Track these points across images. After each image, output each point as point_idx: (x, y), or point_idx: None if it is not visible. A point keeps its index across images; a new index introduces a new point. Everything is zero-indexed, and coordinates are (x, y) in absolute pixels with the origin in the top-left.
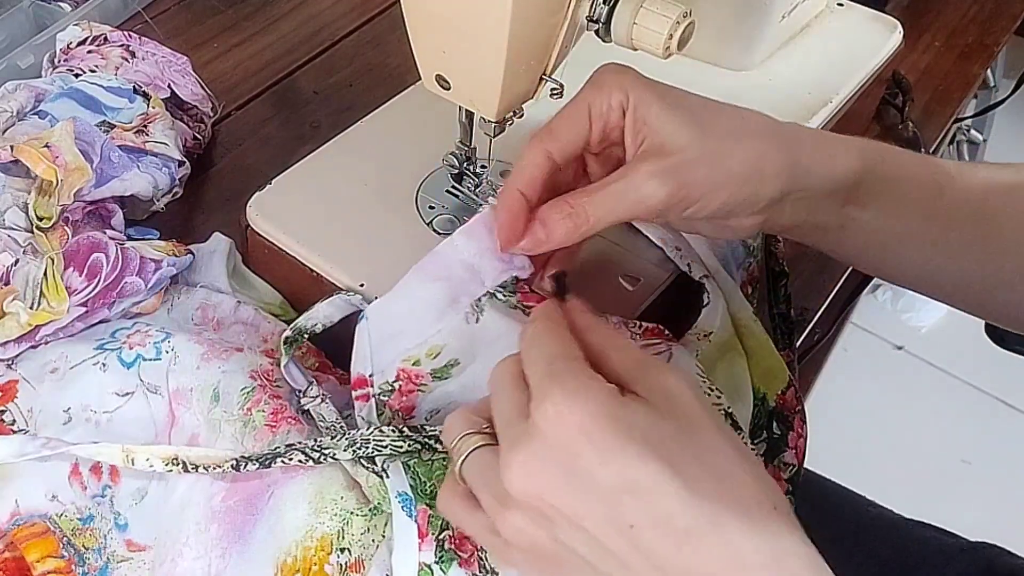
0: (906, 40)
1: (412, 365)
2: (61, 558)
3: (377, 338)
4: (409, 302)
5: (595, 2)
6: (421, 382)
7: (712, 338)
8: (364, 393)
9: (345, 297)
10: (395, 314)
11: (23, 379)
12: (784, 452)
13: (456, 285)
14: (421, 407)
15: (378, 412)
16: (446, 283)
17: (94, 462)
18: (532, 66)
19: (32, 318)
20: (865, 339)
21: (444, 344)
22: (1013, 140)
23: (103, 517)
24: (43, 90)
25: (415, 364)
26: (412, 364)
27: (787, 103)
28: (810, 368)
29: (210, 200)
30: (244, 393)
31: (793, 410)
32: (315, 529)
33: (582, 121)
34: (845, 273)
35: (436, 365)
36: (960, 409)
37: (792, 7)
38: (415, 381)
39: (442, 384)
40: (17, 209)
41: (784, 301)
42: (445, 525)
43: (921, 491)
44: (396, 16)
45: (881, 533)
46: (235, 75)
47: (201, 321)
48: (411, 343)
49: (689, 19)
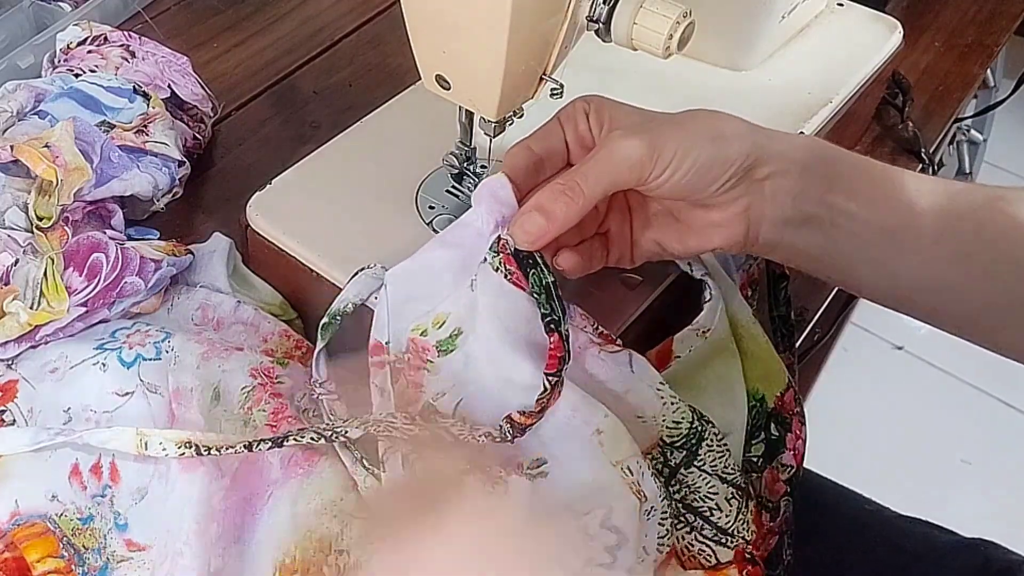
0: (906, 40)
1: (420, 335)
2: (61, 558)
3: (394, 304)
4: (426, 267)
5: (595, 2)
6: (427, 358)
7: (709, 335)
8: (380, 360)
9: (368, 272)
10: (412, 279)
11: (23, 379)
12: (782, 454)
13: (468, 253)
14: (428, 387)
15: (393, 380)
16: (459, 250)
17: (94, 462)
18: (532, 66)
19: (32, 318)
20: (865, 339)
21: (449, 312)
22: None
23: (103, 517)
24: (43, 90)
25: (423, 334)
26: (420, 334)
27: (787, 103)
28: (810, 368)
29: (210, 200)
30: (244, 392)
31: (791, 412)
32: (314, 530)
33: (554, 126)
34: None
35: (441, 336)
36: (960, 409)
37: (792, 7)
38: (422, 357)
39: (447, 360)
40: (17, 209)
41: (784, 303)
42: None
43: (921, 491)
44: (396, 16)
45: (878, 530)
46: (235, 75)
47: (201, 321)
48: (422, 310)
49: (689, 19)
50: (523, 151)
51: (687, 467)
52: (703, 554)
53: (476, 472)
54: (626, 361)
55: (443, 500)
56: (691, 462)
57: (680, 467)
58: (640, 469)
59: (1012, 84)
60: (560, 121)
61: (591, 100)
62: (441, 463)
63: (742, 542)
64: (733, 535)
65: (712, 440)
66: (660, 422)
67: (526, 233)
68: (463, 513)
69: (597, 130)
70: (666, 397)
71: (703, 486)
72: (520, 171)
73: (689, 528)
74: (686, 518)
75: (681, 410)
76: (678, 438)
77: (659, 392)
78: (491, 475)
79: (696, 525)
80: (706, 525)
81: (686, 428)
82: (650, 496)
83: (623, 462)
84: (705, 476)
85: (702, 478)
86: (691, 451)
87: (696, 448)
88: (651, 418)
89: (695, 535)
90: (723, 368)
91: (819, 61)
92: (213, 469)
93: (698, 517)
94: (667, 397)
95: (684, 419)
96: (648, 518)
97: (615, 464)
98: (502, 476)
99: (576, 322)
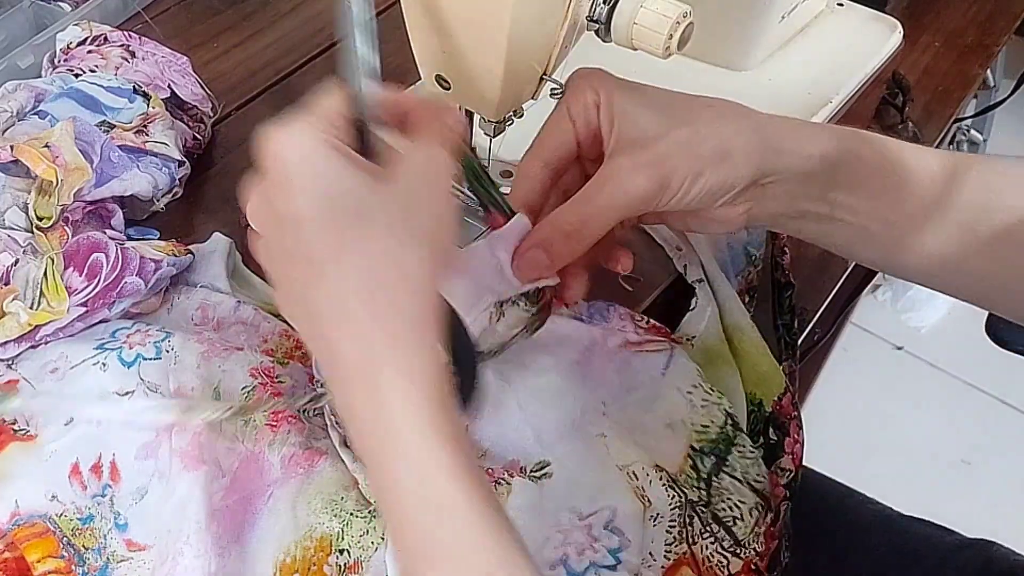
0: (906, 40)
1: None
2: (61, 558)
3: None
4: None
5: (595, 2)
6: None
7: (694, 343)
8: None
9: None
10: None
11: (23, 379)
12: (781, 458)
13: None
14: None
15: None
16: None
17: (95, 461)
18: (532, 66)
19: (32, 318)
20: (865, 339)
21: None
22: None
23: (103, 517)
24: (43, 90)
25: None
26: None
27: (787, 103)
28: (810, 368)
29: (210, 200)
30: (244, 392)
31: (789, 416)
32: (314, 529)
33: (565, 124)
34: (845, 273)
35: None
36: (960, 409)
37: (792, 7)
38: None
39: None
40: (17, 209)
41: (789, 312)
42: None
43: (921, 491)
44: (396, 16)
45: (878, 530)
46: (235, 75)
47: (201, 321)
48: None
49: (689, 19)
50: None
51: (718, 474)
52: (720, 565)
53: None
54: (662, 363)
55: None
56: (721, 469)
57: (712, 475)
58: (647, 476)
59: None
60: (570, 115)
61: (599, 90)
62: None
63: (752, 554)
64: (745, 546)
65: (744, 446)
66: (689, 427)
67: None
68: None
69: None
70: (696, 401)
71: (734, 494)
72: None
73: (713, 539)
74: (711, 528)
75: (711, 413)
76: (707, 443)
77: (689, 396)
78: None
79: (719, 536)
80: (727, 536)
81: (715, 433)
82: (655, 502)
83: (629, 467)
84: (736, 483)
85: (733, 485)
86: (720, 457)
87: (726, 454)
88: (679, 423)
89: (717, 546)
90: (718, 378)
91: (819, 61)
92: (213, 468)
93: (722, 528)
94: (697, 401)
95: (714, 423)
96: (655, 524)
97: (621, 468)
98: (504, 478)
99: (613, 323)
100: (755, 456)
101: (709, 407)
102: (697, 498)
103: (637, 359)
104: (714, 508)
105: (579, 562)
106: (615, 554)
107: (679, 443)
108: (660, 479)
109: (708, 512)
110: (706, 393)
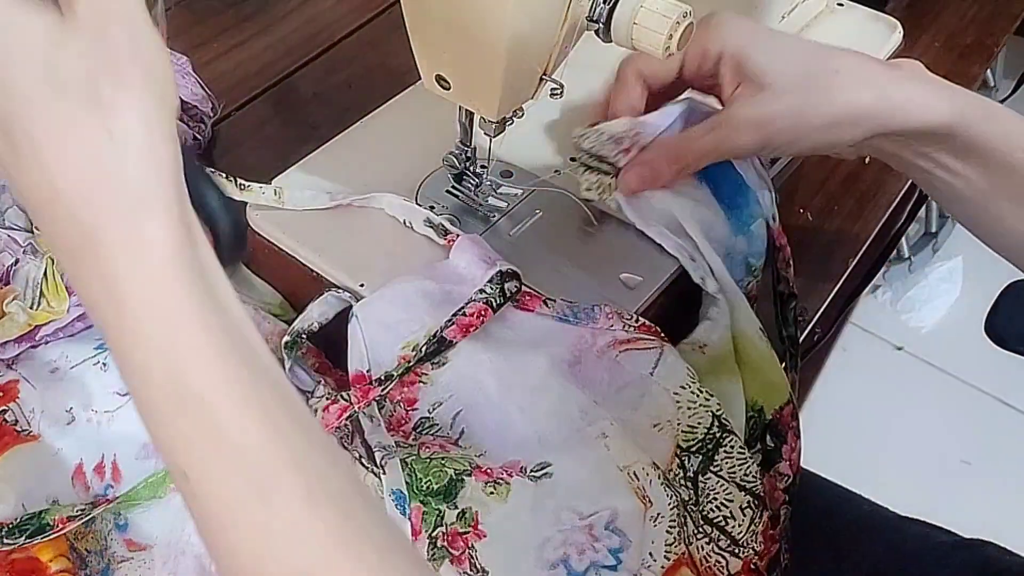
0: (906, 40)
1: (412, 351)
2: (68, 558)
3: (371, 332)
4: (400, 297)
5: (595, 2)
6: (423, 371)
7: (706, 351)
8: (365, 388)
9: (335, 294)
10: (386, 309)
11: (23, 379)
12: (779, 463)
13: (445, 286)
14: (424, 400)
15: (379, 406)
16: (436, 283)
17: (98, 461)
18: (532, 66)
19: (32, 318)
20: (865, 339)
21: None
22: None
23: (103, 518)
24: None
25: (414, 349)
26: (411, 349)
27: None
28: (810, 368)
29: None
30: None
31: (788, 426)
32: None
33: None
34: (845, 273)
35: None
36: (960, 409)
37: (792, 7)
38: (417, 371)
39: (442, 372)
40: (17, 209)
41: (793, 324)
42: (438, 523)
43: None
44: (396, 16)
45: (876, 530)
46: (235, 75)
47: None
48: (408, 330)
49: (689, 19)
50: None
51: (704, 473)
52: (718, 565)
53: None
54: (651, 362)
55: None
56: (707, 468)
57: (699, 474)
58: (647, 476)
59: (1012, 84)
60: (686, 55)
61: (726, 45)
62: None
63: (751, 553)
64: (744, 546)
65: (732, 446)
66: (676, 426)
67: (635, 182)
68: None
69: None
70: (683, 402)
71: (720, 493)
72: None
73: (708, 540)
74: (704, 529)
75: (698, 415)
76: (693, 442)
77: (676, 396)
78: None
79: (713, 536)
80: (721, 536)
81: (702, 433)
82: (656, 503)
83: (629, 467)
84: (722, 482)
85: (720, 484)
86: (707, 456)
87: (712, 453)
88: (666, 424)
89: (713, 546)
90: (719, 386)
91: None
92: None
93: (715, 528)
94: (684, 402)
95: (700, 424)
96: (655, 524)
97: (622, 468)
98: (504, 478)
99: (600, 323)
100: (745, 455)
101: (696, 408)
102: (687, 497)
103: (626, 357)
104: (703, 508)
105: (580, 562)
106: (616, 554)
107: (666, 443)
108: (659, 479)
109: (697, 512)
110: (694, 394)
